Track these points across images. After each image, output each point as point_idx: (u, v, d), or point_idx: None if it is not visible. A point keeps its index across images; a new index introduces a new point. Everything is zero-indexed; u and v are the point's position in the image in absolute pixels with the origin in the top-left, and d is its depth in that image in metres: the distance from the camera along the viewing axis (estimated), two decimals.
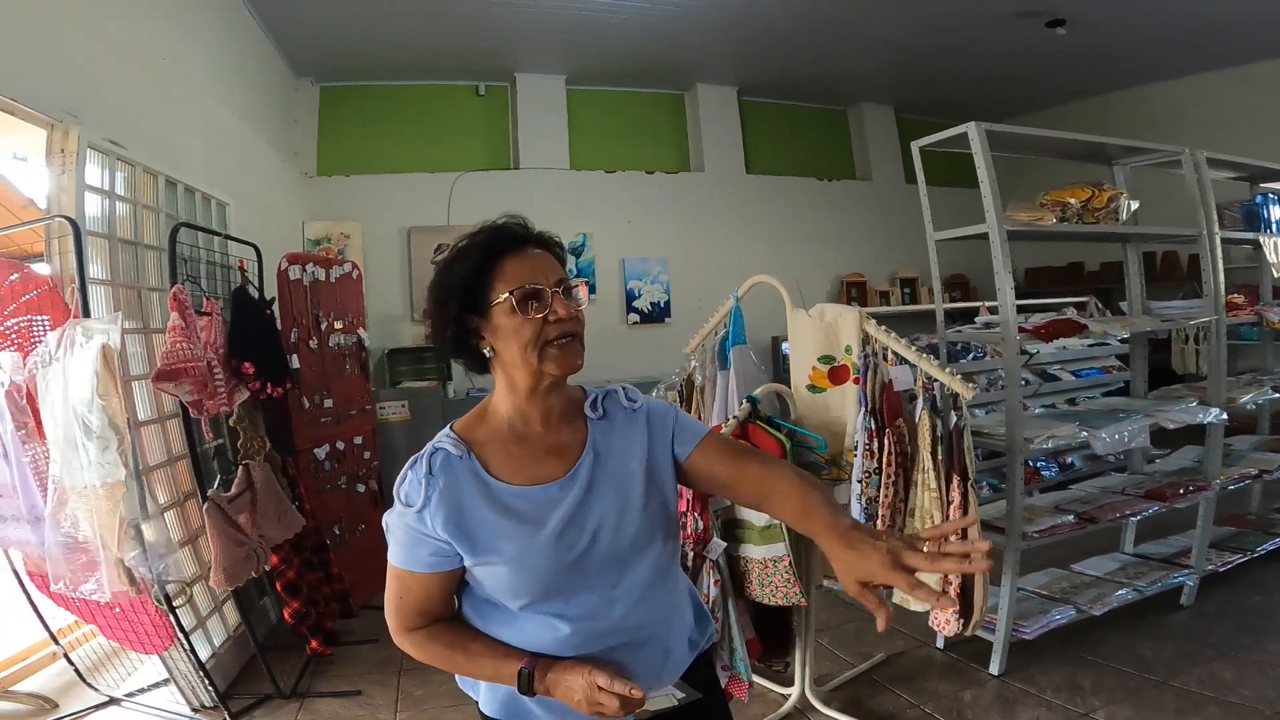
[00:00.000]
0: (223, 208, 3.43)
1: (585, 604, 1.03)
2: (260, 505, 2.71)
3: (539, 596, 1.02)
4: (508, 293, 1.01)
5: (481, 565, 1.02)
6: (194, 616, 2.69)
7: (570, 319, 1.03)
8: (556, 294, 1.03)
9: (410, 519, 1.03)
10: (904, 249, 6.84)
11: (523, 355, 1.02)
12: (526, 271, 1.03)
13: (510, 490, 1.04)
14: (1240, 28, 5.23)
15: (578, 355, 1.04)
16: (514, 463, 1.06)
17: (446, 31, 5.10)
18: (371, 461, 3.95)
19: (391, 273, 5.68)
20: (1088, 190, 2.71)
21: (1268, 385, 3.21)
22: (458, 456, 1.05)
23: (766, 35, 5.44)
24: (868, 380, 2.30)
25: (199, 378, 2.44)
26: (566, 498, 1.04)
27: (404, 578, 1.06)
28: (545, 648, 1.02)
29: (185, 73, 3.52)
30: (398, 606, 1.07)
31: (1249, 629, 2.80)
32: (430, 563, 1.03)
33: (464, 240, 1.07)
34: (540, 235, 1.10)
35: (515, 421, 1.08)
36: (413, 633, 1.07)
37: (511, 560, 1.01)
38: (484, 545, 1.01)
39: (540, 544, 1.01)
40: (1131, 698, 2.40)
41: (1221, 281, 2.99)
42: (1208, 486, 2.96)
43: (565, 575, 1.02)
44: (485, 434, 1.09)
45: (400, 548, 1.05)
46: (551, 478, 1.06)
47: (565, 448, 1.09)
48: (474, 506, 1.02)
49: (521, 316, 1.01)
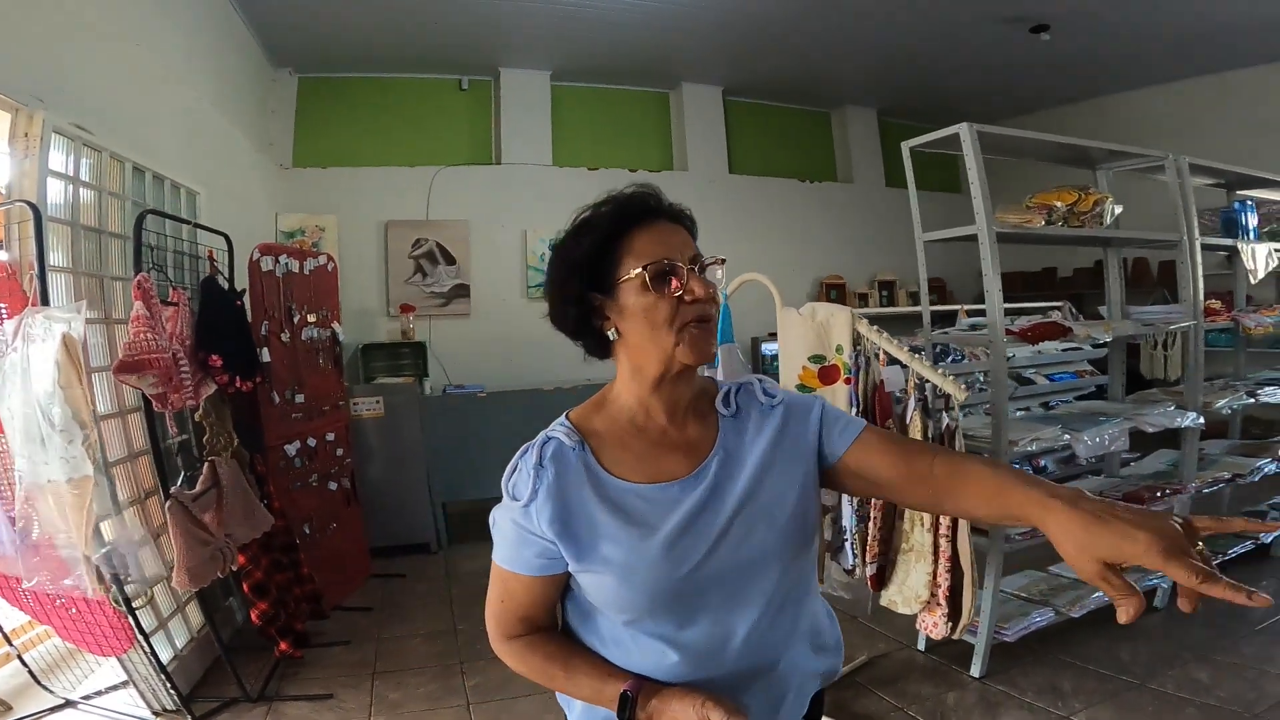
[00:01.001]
0: (193, 197, 3.33)
1: (699, 630, 0.90)
2: (226, 503, 2.61)
3: (646, 613, 0.90)
4: (639, 268, 0.90)
5: (586, 572, 0.92)
6: (155, 618, 2.59)
7: (707, 299, 0.92)
8: (692, 271, 0.92)
9: (517, 514, 0.94)
10: (883, 252, 6.90)
11: (653, 338, 0.92)
12: (660, 245, 0.92)
13: (625, 487, 0.94)
14: (1219, 36, 5.32)
15: (714, 341, 0.94)
16: (632, 457, 0.96)
17: (431, 25, 5.02)
18: (344, 459, 3.86)
19: (368, 266, 5.56)
20: (1074, 194, 2.73)
21: (1242, 390, 3.26)
22: (571, 447, 0.95)
23: (753, 36, 5.43)
24: (859, 381, 2.28)
25: (164, 370, 2.34)
26: (687, 500, 0.93)
27: (507, 579, 0.97)
28: (650, 671, 0.91)
29: (160, 59, 3.41)
30: (498, 611, 0.99)
31: (1223, 631, 2.84)
32: (536, 564, 0.94)
33: (587, 211, 0.96)
34: (673, 207, 0.98)
35: (637, 412, 0.98)
36: (512, 641, 0.99)
37: (617, 568, 0.90)
38: (589, 549, 0.91)
39: (651, 552, 0.89)
40: (1111, 700, 2.42)
41: (1201, 287, 3.03)
42: (1183, 489, 2.99)
43: (677, 591, 0.90)
44: (603, 424, 0.98)
45: (505, 546, 0.96)
46: (673, 476, 0.95)
47: (691, 444, 0.97)
48: (583, 504, 0.92)
49: (654, 295, 0.90)
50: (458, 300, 5.73)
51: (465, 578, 4.03)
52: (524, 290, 5.94)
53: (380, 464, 4.32)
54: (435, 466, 4.49)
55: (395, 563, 4.21)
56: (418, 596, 3.76)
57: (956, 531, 2.25)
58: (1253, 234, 3.40)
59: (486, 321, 5.78)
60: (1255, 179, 3.55)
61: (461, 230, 5.74)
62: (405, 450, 4.37)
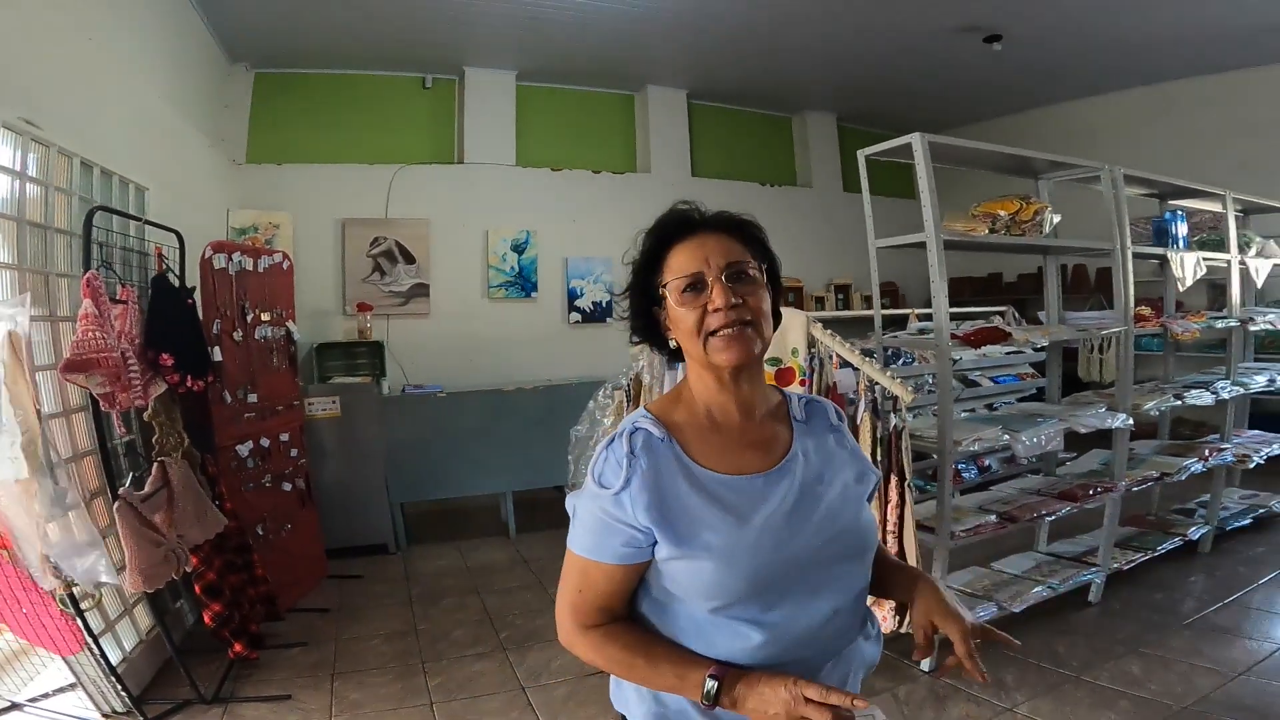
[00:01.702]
0: (141, 192, 3.25)
1: (784, 611, 0.94)
2: (178, 504, 2.56)
3: (740, 598, 0.93)
4: (670, 282, 0.99)
5: (682, 559, 0.93)
6: (103, 620, 2.54)
7: (730, 308, 0.96)
8: (719, 280, 0.97)
9: (606, 503, 0.95)
10: (840, 256, 7.04)
11: (690, 345, 0.99)
12: (690, 259, 0.98)
13: (715, 477, 0.97)
14: (1158, 47, 5.56)
15: (747, 344, 0.97)
16: (714, 450, 1.00)
17: (395, 24, 4.97)
18: (299, 460, 3.80)
19: (324, 265, 5.47)
20: (1016, 203, 2.86)
21: (1169, 393, 3.44)
22: (659, 438, 0.98)
23: (718, 40, 5.51)
24: (813, 383, 2.35)
25: (112, 369, 2.28)
26: (772, 494, 0.98)
27: (588, 569, 0.97)
28: (731, 656, 0.93)
29: (111, 53, 3.33)
30: (575, 601, 0.99)
31: (1153, 625, 2.98)
32: (621, 553, 0.95)
33: (643, 232, 1.06)
34: (714, 217, 1.04)
35: (713, 408, 1.03)
36: (590, 631, 0.98)
37: (718, 553, 0.92)
38: (688, 535, 0.93)
39: (748, 538, 0.94)
40: (1051, 692, 2.52)
41: (1132, 295, 3.19)
42: (1114, 488, 3.15)
43: (771, 576, 0.94)
44: (683, 417, 1.02)
45: (588, 535, 0.97)
46: (755, 470, 0.99)
47: (768, 443, 1.03)
48: (678, 492, 0.95)
49: (685, 306, 0.98)
50: (417, 300, 5.67)
51: (425, 578, 4.01)
52: (485, 290, 5.92)
53: (336, 465, 4.27)
54: (393, 467, 4.45)
55: (353, 564, 4.16)
56: (376, 597, 3.73)
57: (903, 530, 2.35)
58: (1182, 243, 3.59)
59: (447, 321, 5.74)
60: (1186, 189, 3.75)
61: (421, 229, 5.69)
62: (362, 451, 4.32)
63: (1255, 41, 5.34)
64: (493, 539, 4.69)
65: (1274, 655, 2.65)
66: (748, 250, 1.01)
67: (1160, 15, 4.98)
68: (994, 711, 2.43)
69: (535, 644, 3.11)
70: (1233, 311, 3.77)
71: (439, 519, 5.09)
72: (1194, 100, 6.21)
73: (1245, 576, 3.40)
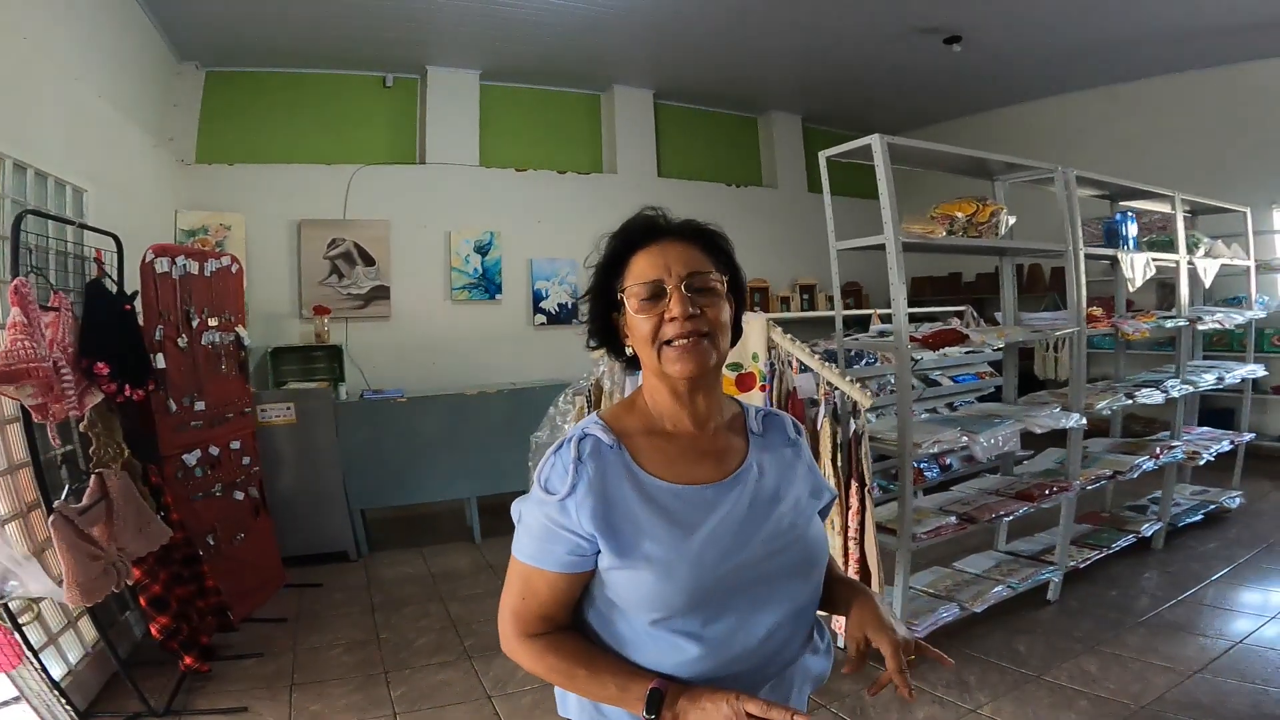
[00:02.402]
0: (79, 194, 3.13)
1: (724, 625, 0.93)
2: (118, 516, 2.47)
3: (679, 611, 0.92)
4: (628, 288, 0.98)
5: (623, 569, 0.93)
6: (44, 634, 2.47)
7: (687, 318, 0.94)
8: (678, 289, 0.95)
9: (551, 509, 0.93)
10: (805, 256, 7.10)
11: (645, 353, 0.98)
12: (652, 266, 0.97)
13: (663, 487, 0.96)
14: (1115, 48, 5.69)
15: (702, 356, 0.95)
16: (665, 459, 0.98)
17: (354, 22, 4.88)
18: (251, 467, 3.70)
19: (279, 267, 5.33)
20: (973, 205, 2.88)
21: (1120, 392, 3.52)
22: (608, 445, 0.97)
23: (683, 40, 5.51)
24: (773, 388, 2.34)
25: (44, 379, 2.18)
26: (721, 504, 0.97)
27: (531, 577, 0.96)
28: (669, 668, 0.93)
29: (46, 51, 3.19)
30: (517, 609, 0.97)
31: (1109, 623, 3.03)
32: (566, 561, 0.94)
33: (606, 237, 1.03)
34: (680, 225, 1.02)
35: (666, 418, 1.01)
36: (532, 640, 0.97)
37: (658, 565, 0.92)
38: (630, 545, 0.92)
39: (690, 550, 0.93)
40: (1012, 692, 2.55)
41: (1084, 295, 3.25)
42: (1069, 487, 3.21)
43: (711, 590, 0.93)
44: (635, 426, 1.01)
45: (532, 541, 0.96)
46: (706, 480, 0.98)
47: (721, 454, 1.02)
48: (623, 501, 0.94)
49: (642, 314, 0.96)
50: (377, 302, 5.56)
51: (388, 585, 3.93)
52: (448, 293, 5.83)
53: (293, 471, 4.16)
54: (353, 473, 4.35)
55: (312, 572, 4.06)
56: (336, 606, 3.64)
57: (864, 535, 2.35)
58: (1132, 244, 3.67)
59: (408, 324, 5.64)
60: (1136, 190, 3.83)
61: (381, 230, 5.58)
62: (320, 457, 4.22)
63: (1207, 44, 5.50)
64: (457, 545, 4.61)
65: (1228, 653, 2.69)
66: (711, 260, 1.00)
67: (1115, 18, 5.10)
68: (958, 713, 2.45)
69: (500, 652, 3.05)
70: (1181, 311, 3.87)
71: (402, 525, 5.00)
72: (1149, 101, 6.36)
73: (1198, 573, 3.47)
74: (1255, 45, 5.47)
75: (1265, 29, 5.15)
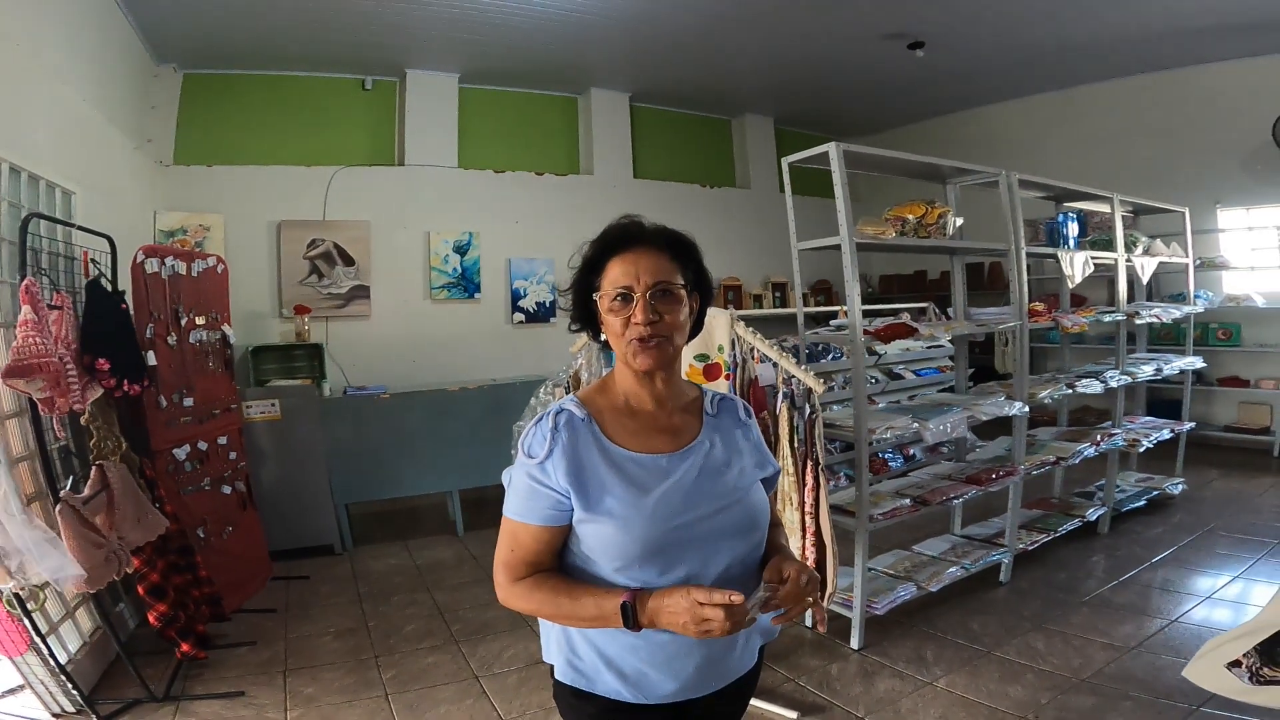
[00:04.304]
0: (68, 197, 3.21)
1: (677, 576, 1.10)
2: (118, 506, 2.58)
3: (636, 560, 1.09)
4: (604, 290, 1.16)
5: (590, 521, 1.10)
6: (45, 622, 2.55)
7: (648, 324, 1.13)
8: (644, 298, 1.13)
9: (533, 469, 1.12)
10: (777, 255, 7.27)
11: (615, 344, 1.16)
12: (622, 272, 1.15)
13: (624, 454, 1.15)
14: (1070, 53, 5.92)
15: (658, 353, 1.14)
16: (628, 432, 1.17)
17: (333, 25, 4.95)
18: (238, 463, 3.80)
19: (258, 267, 5.40)
20: (922, 207, 3.10)
21: (1063, 383, 3.76)
22: (580, 418, 1.16)
23: (659, 45, 5.66)
24: (737, 376, 2.53)
25: (53, 374, 2.30)
26: (674, 471, 1.15)
27: (517, 530, 1.14)
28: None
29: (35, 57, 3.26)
30: (507, 559, 1.15)
31: (1056, 603, 3.23)
32: (546, 515, 1.12)
33: (587, 244, 1.20)
34: (654, 233, 1.19)
35: (630, 398, 1.20)
36: (520, 582, 1.14)
37: (619, 518, 1.09)
38: (595, 500, 1.10)
39: (646, 508, 1.10)
40: (965, 667, 2.74)
41: (1026, 291, 3.49)
42: (1015, 472, 3.43)
43: (663, 543, 1.09)
44: (604, 404, 1.20)
45: (518, 499, 1.13)
46: (662, 450, 1.17)
47: (677, 429, 1.20)
48: (592, 464, 1.12)
49: (613, 314, 1.15)
50: (357, 301, 5.66)
51: (374, 577, 4.04)
52: (427, 292, 5.95)
53: (278, 467, 4.26)
54: (337, 468, 4.46)
55: (298, 565, 4.17)
56: (324, 597, 3.76)
57: (819, 510, 2.55)
58: (1073, 243, 3.93)
59: (388, 323, 5.74)
60: (1078, 192, 4.09)
61: (361, 231, 5.68)
62: (304, 453, 4.33)
63: (1156, 49, 5.76)
64: (440, 537, 4.74)
65: (1163, 630, 2.90)
66: (678, 266, 1.18)
67: (1070, 25, 5.34)
68: (915, 685, 2.63)
69: (487, 636, 3.21)
70: (1120, 306, 4.13)
71: (386, 519, 5.11)
72: (1101, 104, 6.62)
73: (1140, 556, 3.69)
74: (1201, 50, 5.74)
75: (1212, 34, 5.41)
